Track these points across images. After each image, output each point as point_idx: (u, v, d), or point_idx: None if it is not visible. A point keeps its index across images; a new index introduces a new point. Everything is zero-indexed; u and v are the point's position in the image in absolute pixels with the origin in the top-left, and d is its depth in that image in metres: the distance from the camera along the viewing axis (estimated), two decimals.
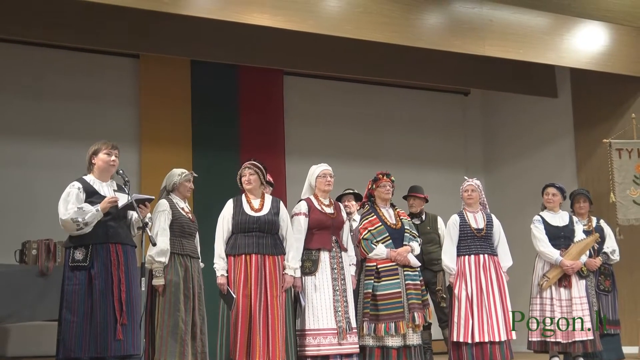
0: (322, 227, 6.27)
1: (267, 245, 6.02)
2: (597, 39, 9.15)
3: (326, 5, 7.77)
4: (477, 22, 8.47)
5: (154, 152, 9.24)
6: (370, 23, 7.89)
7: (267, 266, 5.98)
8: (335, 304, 6.13)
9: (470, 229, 6.88)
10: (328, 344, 6.06)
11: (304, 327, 6.12)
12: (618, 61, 9.35)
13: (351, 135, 10.53)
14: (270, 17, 7.47)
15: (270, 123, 10.03)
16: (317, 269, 6.18)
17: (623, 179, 8.78)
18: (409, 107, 11.15)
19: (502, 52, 8.66)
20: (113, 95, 9.36)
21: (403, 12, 8.09)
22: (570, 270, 7.05)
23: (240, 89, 9.93)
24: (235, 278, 5.93)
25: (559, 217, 7.34)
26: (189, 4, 7.19)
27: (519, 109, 11.17)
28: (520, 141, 11.15)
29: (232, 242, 6.02)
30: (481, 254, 6.84)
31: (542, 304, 7.11)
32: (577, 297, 7.05)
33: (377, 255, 6.48)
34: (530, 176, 10.49)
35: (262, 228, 6.05)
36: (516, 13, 8.60)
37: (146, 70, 9.45)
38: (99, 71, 9.30)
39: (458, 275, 6.81)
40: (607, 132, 9.43)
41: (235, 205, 6.12)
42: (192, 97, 9.63)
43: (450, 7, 8.39)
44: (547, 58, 8.97)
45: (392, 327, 6.29)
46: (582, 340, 6.96)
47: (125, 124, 9.36)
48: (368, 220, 6.60)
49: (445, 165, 10.94)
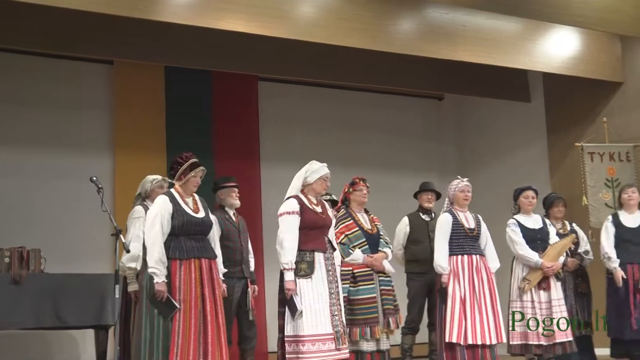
0: (315, 227, 5.98)
1: (208, 249, 5.67)
2: (569, 44, 9.24)
3: (300, 11, 7.78)
4: (450, 28, 8.51)
5: (128, 159, 9.17)
6: (344, 29, 7.91)
7: (213, 271, 5.62)
8: (332, 308, 5.89)
9: (463, 228, 6.80)
10: (327, 350, 5.79)
11: (302, 332, 5.77)
12: (590, 66, 9.44)
13: (326, 141, 10.53)
14: (244, 23, 7.46)
15: (244, 129, 9.99)
16: (313, 271, 5.89)
17: (595, 183, 8.86)
18: (384, 112, 11.17)
19: (475, 57, 8.71)
20: (87, 102, 9.30)
21: (377, 17, 8.12)
22: (550, 272, 7.10)
23: (214, 95, 9.89)
24: (182, 284, 5.45)
25: (533, 220, 7.39)
26: (163, 10, 7.16)
27: (492, 113, 11.23)
28: (494, 145, 11.21)
29: (175, 245, 5.51)
30: (473, 254, 6.78)
31: (523, 307, 7.14)
32: (555, 299, 7.10)
33: (353, 260, 6.48)
34: (504, 180, 10.53)
35: (204, 231, 5.68)
36: (489, 18, 8.64)
37: (120, 77, 9.39)
38: (73, 78, 9.22)
39: (451, 275, 6.68)
40: (580, 136, 9.51)
41: (173, 204, 5.58)
42: (166, 103, 9.57)
43: (423, 13, 8.42)
44: (520, 63, 9.04)
45: (367, 332, 6.30)
46: (561, 342, 7.01)
47: (99, 131, 9.29)
48: (344, 224, 6.60)
49: (420, 169, 10.96)
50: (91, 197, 6.26)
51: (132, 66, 9.28)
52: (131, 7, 6.92)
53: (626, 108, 9.64)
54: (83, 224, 8.71)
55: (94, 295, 6.77)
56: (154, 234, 5.44)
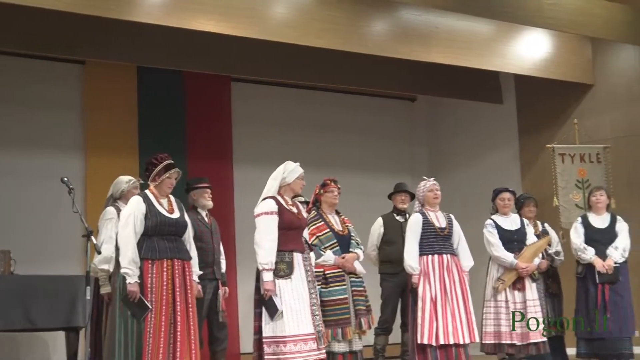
0: (292, 228, 5.93)
1: (182, 250, 5.61)
2: (541, 46, 9.32)
3: (273, 11, 7.78)
4: (423, 29, 8.54)
5: (99, 160, 9.11)
6: (316, 29, 7.92)
7: (186, 272, 5.57)
8: (312, 308, 5.86)
9: (433, 228, 6.78)
10: (309, 350, 5.75)
11: (283, 333, 5.71)
12: (561, 68, 9.53)
13: (299, 142, 10.52)
14: (216, 24, 7.44)
15: (217, 130, 9.96)
16: (293, 271, 5.84)
17: (566, 184, 8.94)
18: (357, 113, 11.19)
19: (448, 59, 8.75)
20: (58, 102, 9.22)
21: (350, 18, 8.13)
22: (525, 273, 7.13)
23: (187, 95, 9.84)
24: (153, 285, 5.39)
25: (510, 221, 7.41)
26: (136, 10, 7.13)
27: (464, 115, 11.28)
28: (466, 146, 11.27)
29: (148, 245, 5.45)
30: (444, 253, 6.76)
31: (497, 306, 7.16)
32: (530, 300, 7.12)
33: (325, 262, 6.48)
34: (476, 181, 10.61)
35: (178, 232, 5.61)
36: (461, 20, 8.69)
37: (92, 77, 9.32)
38: (44, 78, 9.14)
39: (421, 275, 6.68)
40: (551, 137, 9.59)
41: (147, 204, 5.53)
42: (139, 103, 9.51)
43: (396, 14, 8.45)
44: (492, 64, 9.10)
45: (339, 333, 6.30)
46: (535, 342, 7.03)
47: (71, 131, 9.22)
48: (315, 226, 6.59)
49: (393, 170, 10.98)
50: (62, 198, 6.22)
51: (104, 66, 9.22)
52: (103, 7, 6.87)
53: (596, 110, 9.74)
54: (54, 225, 8.64)
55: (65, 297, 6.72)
56: (126, 234, 5.40)
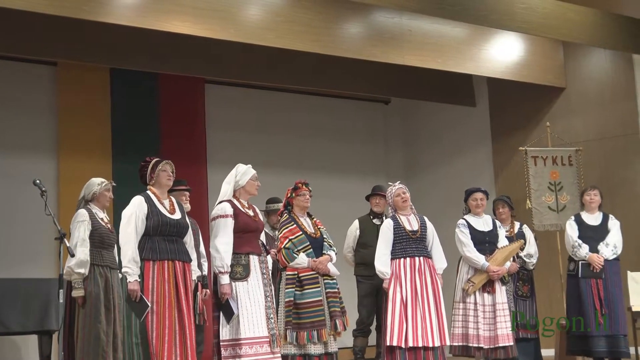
0: (248, 230, 6.02)
1: (183, 252, 5.66)
2: (513, 50, 9.39)
3: (247, 13, 7.77)
4: (396, 32, 8.58)
5: (72, 161, 9.04)
6: (291, 32, 7.92)
7: (187, 274, 5.62)
8: (267, 311, 5.94)
9: (404, 231, 6.83)
10: (264, 352, 5.83)
11: (238, 335, 5.79)
12: (533, 71, 9.60)
13: (273, 144, 10.53)
14: (191, 25, 7.43)
15: (191, 132, 9.93)
16: (249, 274, 5.93)
17: (538, 186, 8.99)
18: (331, 115, 11.21)
19: (421, 62, 8.79)
20: (30, 103, 9.15)
21: (324, 21, 8.15)
22: (496, 276, 7.12)
23: (160, 97, 9.80)
24: (154, 285, 5.44)
25: (483, 222, 7.39)
26: (109, 11, 7.09)
27: (438, 117, 11.34)
28: (440, 149, 11.33)
29: (149, 246, 5.50)
30: (416, 256, 6.80)
31: (466, 308, 7.17)
32: (499, 303, 7.12)
33: (298, 265, 6.48)
34: (450, 183, 10.66)
35: (180, 232, 5.65)
36: (434, 23, 8.74)
37: (64, 78, 9.26)
38: (16, 78, 9.07)
39: (392, 278, 6.73)
40: (524, 140, 9.65)
41: (149, 205, 5.60)
42: (112, 105, 9.46)
43: (370, 17, 8.48)
44: (465, 68, 9.15)
45: (314, 335, 6.30)
46: (504, 346, 7.03)
47: (43, 133, 9.15)
48: (288, 229, 6.58)
49: (367, 172, 11.02)
50: (34, 201, 6.17)
51: (77, 68, 9.16)
52: (75, 8, 6.83)
53: (568, 113, 9.83)
54: (26, 228, 8.57)
55: (37, 300, 6.69)
56: (128, 233, 5.44)
